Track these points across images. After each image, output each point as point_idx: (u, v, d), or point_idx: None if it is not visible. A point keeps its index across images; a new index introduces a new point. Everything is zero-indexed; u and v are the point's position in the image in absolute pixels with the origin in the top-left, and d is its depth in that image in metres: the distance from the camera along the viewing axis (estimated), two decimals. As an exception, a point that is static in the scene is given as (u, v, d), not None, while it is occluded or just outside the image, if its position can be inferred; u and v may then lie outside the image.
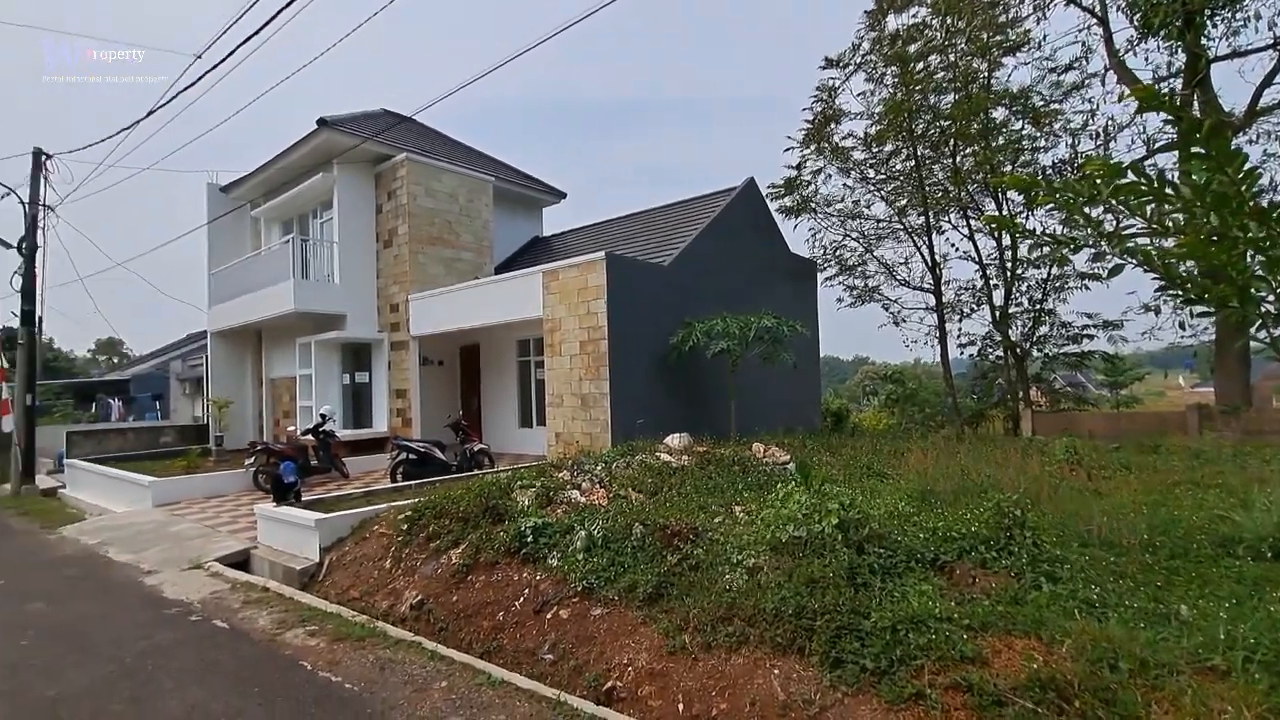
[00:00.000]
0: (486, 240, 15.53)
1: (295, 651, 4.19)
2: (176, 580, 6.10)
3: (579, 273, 10.56)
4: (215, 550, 7.10)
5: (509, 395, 14.66)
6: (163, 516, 9.25)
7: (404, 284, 13.95)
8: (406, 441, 10.37)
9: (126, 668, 4.02)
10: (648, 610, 4.22)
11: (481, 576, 5.14)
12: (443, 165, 14.75)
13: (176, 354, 25.27)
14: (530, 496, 6.31)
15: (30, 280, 14.16)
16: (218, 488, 11.07)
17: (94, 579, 6.38)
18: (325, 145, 13.72)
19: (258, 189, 16.79)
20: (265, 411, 17.17)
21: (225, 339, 17.25)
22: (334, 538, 6.57)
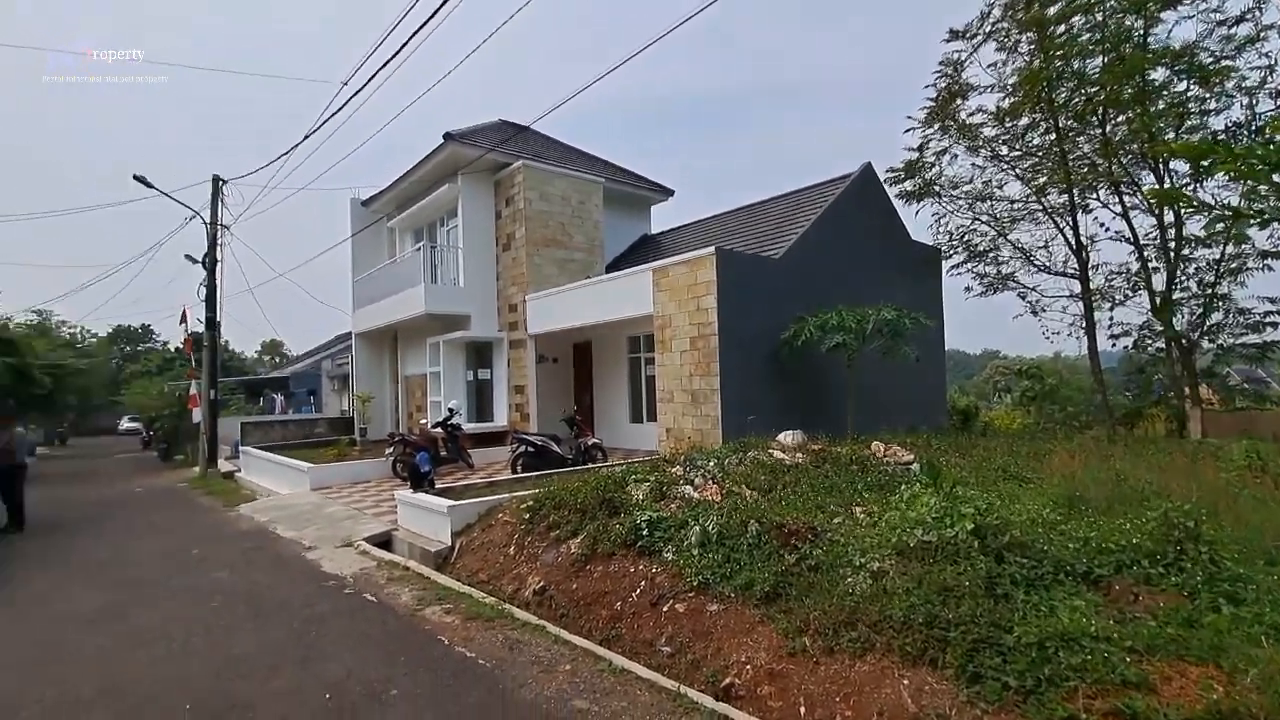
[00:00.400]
0: (597, 240, 15.93)
1: (434, 627, 4.55)
2: (332, 556, 6.79)
3: (688, 269, 10.58)
4: (362, 531, 7.83)
5: (620, 391, 14.96)
6: (318, 499, 10.33)
7: (521, 285, 14.64)
8: (525, 435, 10.89)
9: (294, 632, 4.54)
10: (765, 609, 4.17)
11: (599, 567, 5.29)
12: (555, 169, 15.30)
13: (326, 354, 28.10)
14: (644, 491, 6.42)
15: (212, 291, 16.31)
16: (362, 474, 12.20)
17: (265, 552, 7.25)
18: (450, 158, 14.68)
19: (391, 202, 18.29)
20: (400, 405, 18.69)
21: (367, 340, 18.96)
22: (463, 523, 7.03)
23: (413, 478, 7.94)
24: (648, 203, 19.19)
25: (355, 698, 3.50)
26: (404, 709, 3.37)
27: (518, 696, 3.46)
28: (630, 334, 14.43)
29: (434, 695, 3.50)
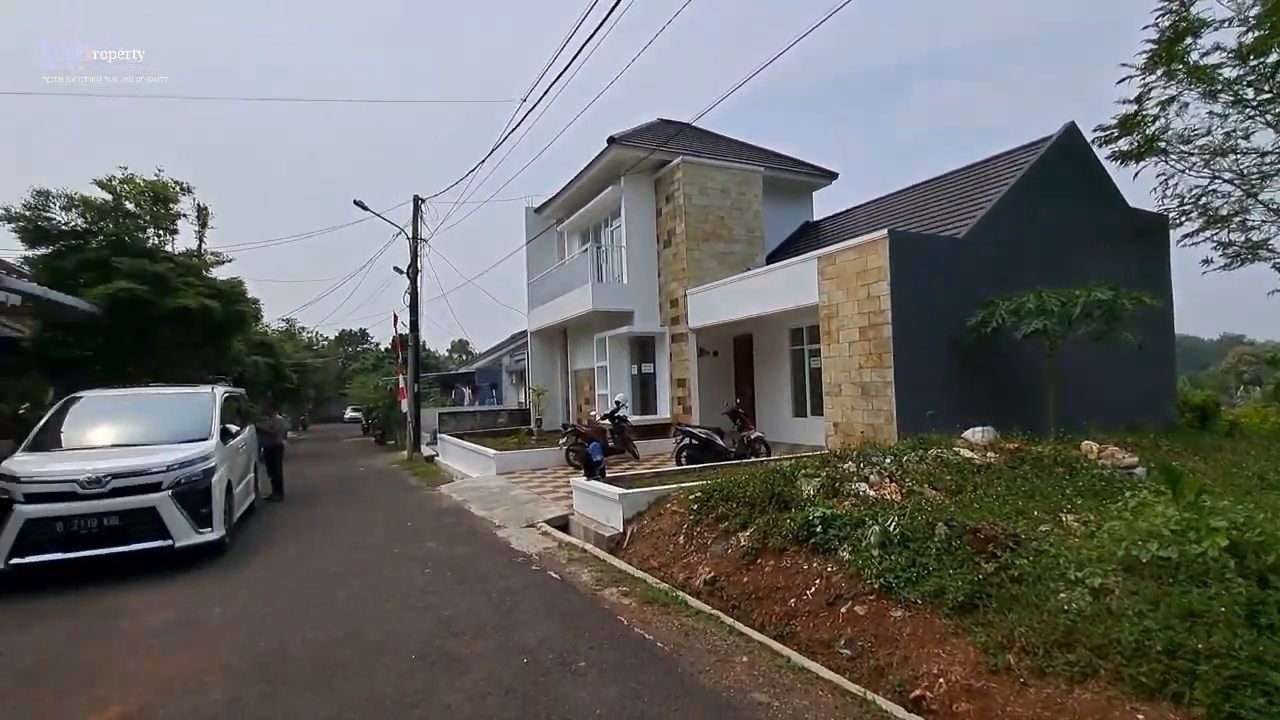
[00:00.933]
0: (757, 231, 15.68)
1: (612, 607, 4.78)
2: (518, 535, 7.42)
3: (857, 254, 10.02)
4: (543, 513, 8.46)
5: (782, 384, 14.60)
6: (503, 483, 11.34)
7: (681, 280, 14.85)
8: (689, 428, 11.05)
9: (492, 600, 5.03)
10: (959, 620, 3.83)
11: (770, 561, 5.22)
12: (713, 163, 15.30)
13: (505, 351, 30.77)
14: (815, 486, 6.20)
15: (414, 297, 18.55)
16: (539, 461, 13.18)
17: (464, 527, 8.11)
18: (613, 160, 15.29)
19: (561, 208, 19.48)
20: (570, 398, 19.89)
21: (540, 337, 20.43)
22: (634, 511, 7.31)
23: (586, 466, 8.42)
24: (809, 188, 18.50)
25: (548, 664, 3.80)
26: (592, 680, 3.59)
27: (697, 682, 3.52)
28: (793, 325, 14.01)
29: (618, 671, 3.68)
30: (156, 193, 12.07)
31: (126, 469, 6.13)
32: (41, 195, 10.66)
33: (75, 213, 11.05)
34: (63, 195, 10.86)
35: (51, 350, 10.85)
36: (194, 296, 11.03)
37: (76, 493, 5.85)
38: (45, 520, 5.73)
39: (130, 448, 6.74)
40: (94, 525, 5.86)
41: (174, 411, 7.61)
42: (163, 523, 6.11)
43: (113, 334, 10.59)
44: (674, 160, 14.93)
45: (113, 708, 3.46)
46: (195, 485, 6.41)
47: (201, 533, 6.39)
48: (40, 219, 10.77)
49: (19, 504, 5.70)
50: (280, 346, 26.30)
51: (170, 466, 6.32)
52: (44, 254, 10.98)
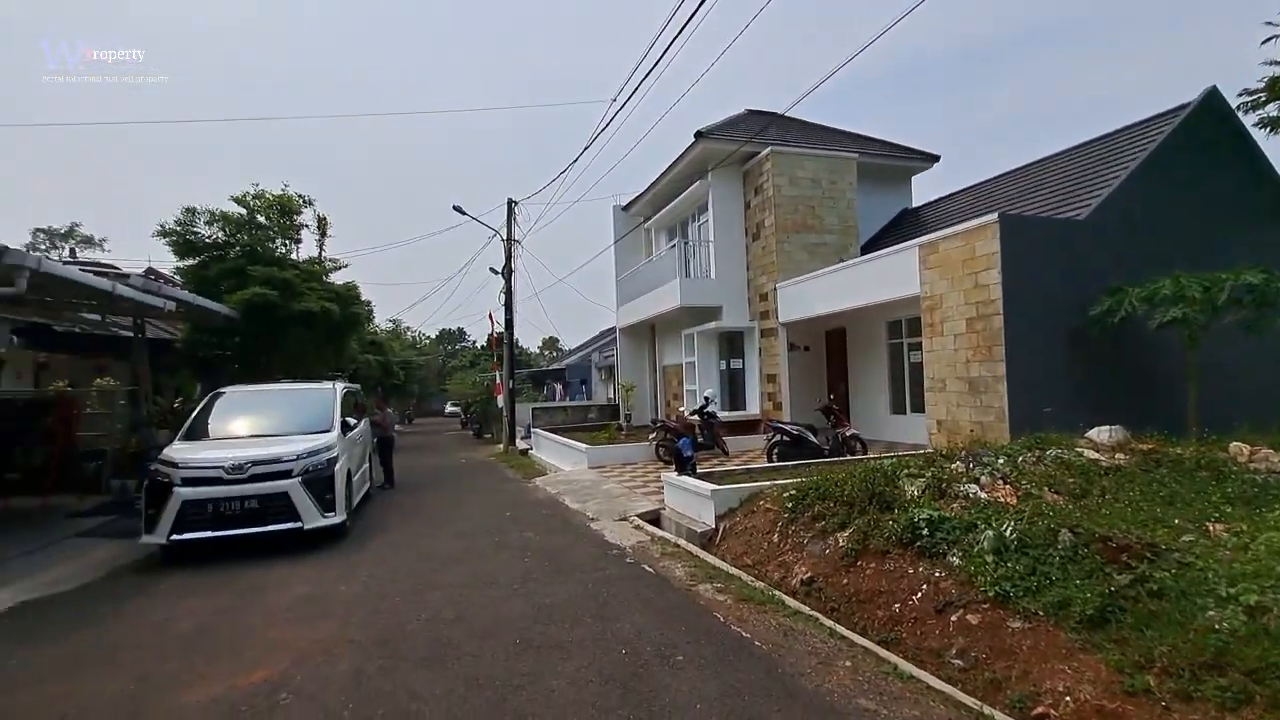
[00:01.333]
0: (851, 220, 15.10)
1: (707, 603, 4.78)
2: (612, 528, 7.56)
3: (963, 241, 9.44)
4: (635, 507, 8.57)
5: (878, 380, 14.00)
6: (595, 477, 11.58)
7: (771, 273, 14.56)
8: (781, 424, 10.83)
9: (590, 590, 5.16)
10: (1087, 635, 3.54)
11: (871, 564, 5.03)
12: (804, 151, 14.88)
13: (594, 347, 31.40)
14: (919, 487, 5.92)
15: (509, 296, 19.30)
16: (629, 456, 13.35)
17: (559, 519, 8.36)
18: (701, 154, 15.19)
19: (648, 205, 19.60)
20: (659, 393, 20.02)
21: (628, 334, 20.67)
22: (726, 507, 7.26)
23: (677, 462, 8.45)
24: (907, 173, 17.61)
25: (647, 656, 3.85)
26: (690, 674, 3.60)
27: (798, 684, 3.45)
28: (890, 318, 13.41)
29: (716, 667, 3.67)
30: (283, 205, 13.27)
31: (263, 457, 6.79)
32: (189, 212, 11.99)
33: (216, 226, 12.35)
34: (206, 211, 12.16)
35: (198, 350, 12.17)
36: (316, 300, 12.04)
37: (222, 478, 6.55)
38: (198, 502, 6.46)
39: (264, 438, 7.46)
40: (237, 507, 6.54)
41: (300, 405, 8.35)
42: (293, 506, 6.72)
43: (247, 335, 11.75)
44: (762, 151, 14.64)
45: (258, 672, 3.84)
46: (321, 473, 7.01)
47: (326, 516, 6.98)
48: (189, 233, 12.11)
49: (177, 487, 6.45)
50: (388, 345, 28.16)
51: (299, 456, 6.94)
52: (191, 265, 12.34)
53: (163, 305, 8.21)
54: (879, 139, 17.46)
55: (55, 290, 7.29)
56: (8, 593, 5.48)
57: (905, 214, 17.33)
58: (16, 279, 5.41)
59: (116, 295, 7.19)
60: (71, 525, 8.16)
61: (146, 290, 7.95)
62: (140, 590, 5.68)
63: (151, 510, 6.43)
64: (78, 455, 9.86)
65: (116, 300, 7.69)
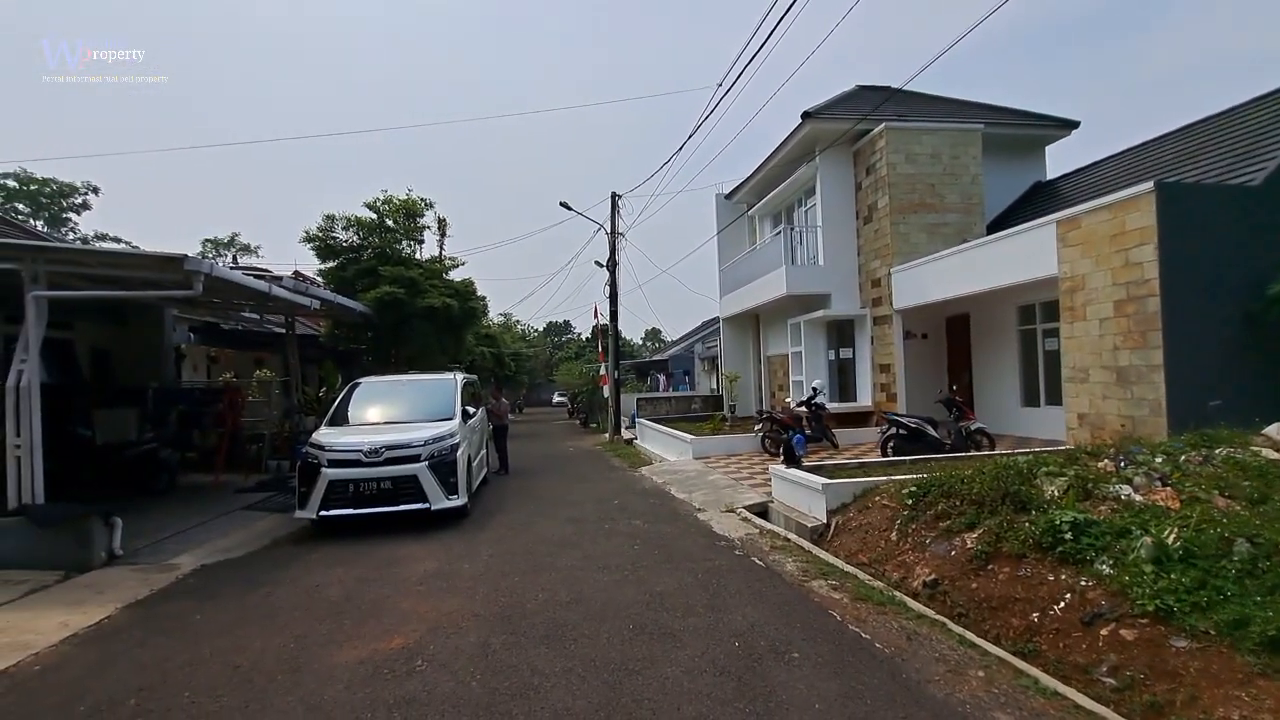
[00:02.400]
0: (975, 197, 14.02)
1: (822, 600, 4.63)
2: (719, 519, 7.52)
3: (1111, 215, 8.48)
4: (742, 499, 8.47)
5: (1006, 369, 12.93)
6: (700, 467, 11.57)
7: (885, 257, 13.83)
8: (897, 416, 10.28)
9: (700, 580, 5.17)
10: (1269, 659, 3.09)
11: (1005, 568, 4.65)
12: (922, 125, 13.96)
13: (697, 338, 31.36)
14: (1060, 486, 5.40)
15: (613, 288, 19.65)
16: (734, 447, 13.22)
17: (666, 508, 8.43)
18: (809, 136, 14.67)
19: (752, 192, 19.22)
20: (763, 384, 19.65)
21: (732, 323, 20.43)
22: (838, 502, 7.00)
23: (787, 455, 8.26)
24: (1040, 143, 16.08)
25: (761, 650, 3.79)
26: (807, 672, 3.51)
27: (925, 691, 3.26)
28: (1021, 302, 12.33)
29: (835, 667, 3.55)
30: (409, 209, 14.29)
31: (396, 442, 7.37)
32: (328, 218, 13.24)
33: (351, 231, 13.53)
34: (342, 218, 13.36)
35: (338, 344, 13.38)
36: (438, 296, 12.90)
37: (361, 460, 7.18)
38: (341, 482, 7.12)
39: (395, 425, 8.09)
40: (373, 488, 7.15)
41: (425, 394, 8.97)
42: (421, 488, 7.25)
43: (379, 329, 12.79)
44: (875, 128, 13.89)
45: (396, 639, 4.18)
46: (445, 458, 7.51)
47: (450, 499, 7.46)
48: (328, 238, 13.35)
49: (324, 468, 7.15)
50: (501, 338, 29.62)
51: (426, 441, 7.47)
52: (332, 267, 13.60)
53: (309, 304, 9.11)
54: (1007, 107, 16.03)
55: (224, 292, 8.30)
56: (191, 557, 6.32)
57: (1038, 187, 15.84)
58: (195, 282, 6.19)
59: (272, 295, 8.08)
60: (239, 500, 9.26)
61: (296, 291, 8.88)
62: (296, 559, 6.36)
63: (304, 488, 7.18)
64: (243, 438, 11.22)
65: (271, 300, 8.63)
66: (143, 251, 9.81)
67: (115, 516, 6.15)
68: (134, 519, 7.85)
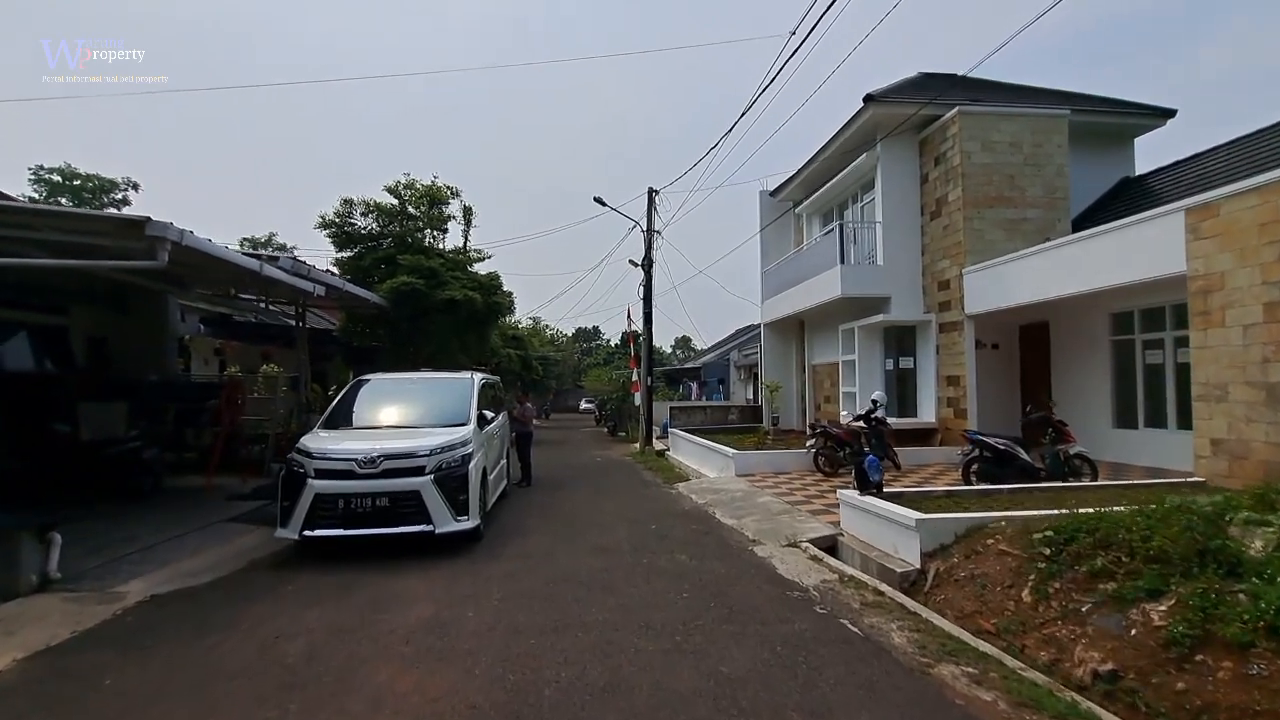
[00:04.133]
0: (1059, 191, 12.48)
1: (966, 704, 3.24)
2: (782, 557, 6.17)
3: (1260, 199, 6.96)
4: (804, 530, 7.10)
5: (1095, 385, 11.36)
6: (746, 486, 10.21)
7: (955, 257, 12.35)
8: (983, 436, 8.78)
9: (780, 657, 3.81)
10: None
11: (1225, 662, 3.24)
12: (1001, 110, 12.49)
13: (732, 345, 29.92)
14: (1270, 540, 3.95)
15: (648, 288, 18.42)
16: (781, 464, 11.81)
17: (713, 537, 7.10)
18: (869, 123, 13.29)
19: (799, 189, 17.86)
20: (807, 395, 18.15)
21: (774, 329, 19.01)
22: (935, 543, 5.61)
23: (859, 479, 6.87)
24: (1130, 135, 14.43)
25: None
26: None
27: None
28: (1117, 308, 10.78)
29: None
30: (432, 196, 13.29)
31: (396, 450, 6.20)
32: (346, 203, 12.28)
33: (371, 218, 12.55)
34: (361, 203, 12.38)
35: (353, 339, 12.38)
36: (459, 289, 11.82)
37: (354, 471, 6.01)
38: (329, 496, 5.96)
39: (400, 429, 6.94)
40: (367, 504, 5.97)
41: (436, 395, 7.82)
42: (425, 507, 6.05)
43: (396, 323, 11.75)
44: (947, 113, 12.46)
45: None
46: (454, 471, 6.30)
47: (459, 520, 6.25)
48: (346, 224, 12.39)
49: (311, 479, 6.00)
50: (529, 341, 28.60)
51: (433, 451, 6.27)
52: (349, 256, 12.64)
53: (311, 289, 8.06)
54: (1091, 94, 14.42)
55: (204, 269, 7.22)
56: (144, 583, 5.21)
57: (1127, 184, 14.18)
58: (159, 251, 5.15)
59: (264, 276, 7.00)
60: (229, 508, 8.23)
61: (296, 274, 7.81)
62: (267, 592, 5.20)
63: (286, 501, 6.05)
64: (242, 438, 10.24)
65: (268, 283, 7.60)
66: (98, 213, 8.89)
67: (54, 532, 5.08)
68: (102, 528, 6.86)
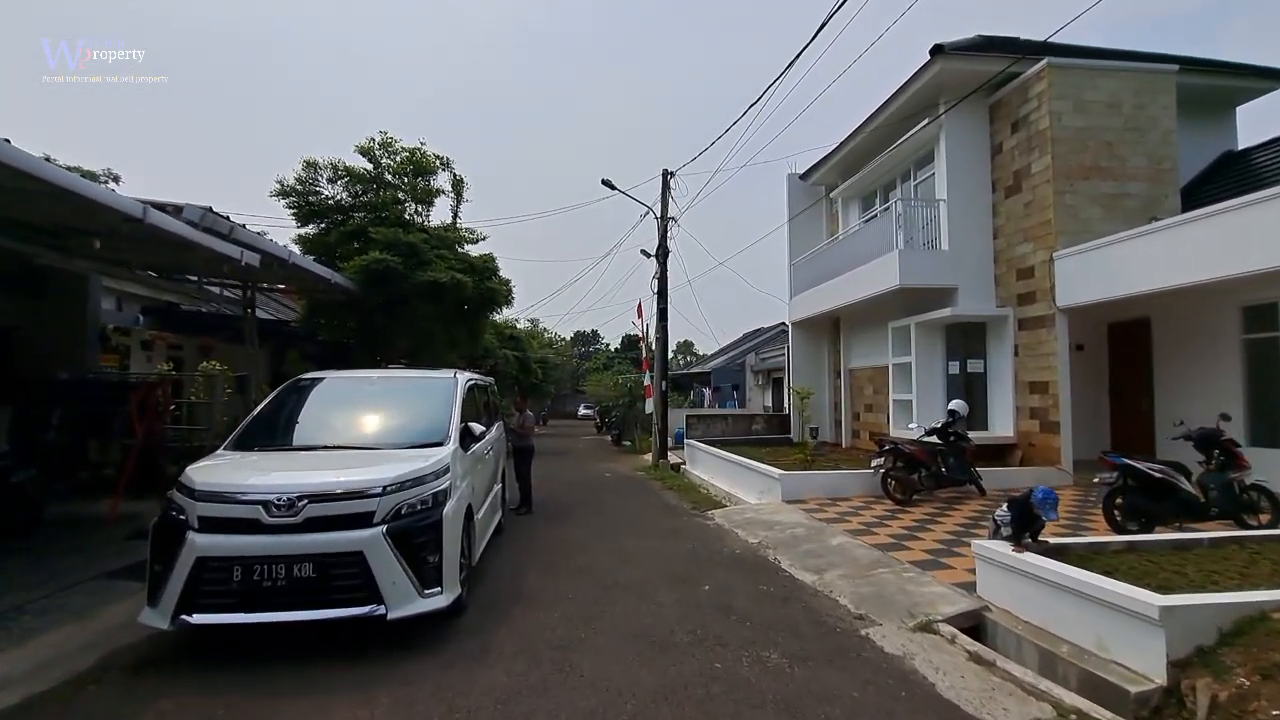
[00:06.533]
0: (1166, 161, 10.46)
1: None
2: (924, 654, 4.02)
3: None
4: (924, 596, 4.97)
5: (1217, 393, 9.37)
6: (803, 518, 8.08)
7: (1042, 238, 10.29)
8: (1134, 462, 6.63)
9: None
10: None
11: None
12: (1097, 64, 10.45)
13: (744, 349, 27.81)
14: None
15: (663, 280, 16.30)
16: (838, 488, 9.69)
17: (798, 608, 4.95)
18: (932, 84, 11.26)
19: (834, 170, 15.88)
20: (842, 403, 16.02)
21: (804, 329, 16.92)
22: (1190, 644, 3.50)
23: (1017, 527, 4.75)
24: (1232, 101, 12.45)
25: None
26: None
27: None
28: (1249, 300, 8.80)
29: None
30: (417, 164, 11.13)
31: (328, 488, 3.99)
32: (310, 166, 10.11)
33: (340, 185, 10.39)
34: (329, 166, 10.23)
35: (317, 332, 10.23)
36: (445, 270, 9.63)
37: (261, 520, 3.82)
38: (222, 561, 3.75)
39: (345, 453, 4.75)
40: (280, 574, 3.76)
41: (404, 402, 5.63)
42: (372, 577, 3.85)
43: (368, 312, 9.57)
44: (1033, 67, 10.42)
45: None
46: (420, 519, 4.10)
47: (427, 595, 4.04)
48: (310, 193, 10.22)
49: (193, 532, 3.82)
50: (527, 341, 26.43)
51: (388, 487, 4.06)
52: (313, 233, 10.47)
53: (238, 256, 5.90)
54: (1191, 57, 12.40)
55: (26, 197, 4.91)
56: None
57: (1230, 159, 12.22)
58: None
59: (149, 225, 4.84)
60: (123, 552, 6.04)
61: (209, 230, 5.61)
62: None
63: (158, 566, 3.86)
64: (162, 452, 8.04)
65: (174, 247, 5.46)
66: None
67: None
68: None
